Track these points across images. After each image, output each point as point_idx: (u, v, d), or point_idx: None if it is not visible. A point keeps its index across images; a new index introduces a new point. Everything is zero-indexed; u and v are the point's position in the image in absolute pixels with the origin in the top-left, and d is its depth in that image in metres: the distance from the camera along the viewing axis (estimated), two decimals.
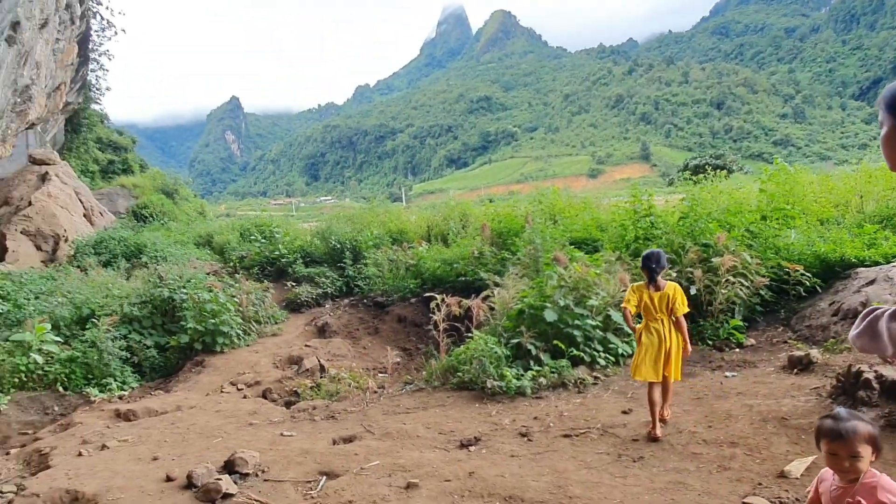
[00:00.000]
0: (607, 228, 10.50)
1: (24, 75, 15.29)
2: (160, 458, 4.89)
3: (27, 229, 19.52)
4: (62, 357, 8.98)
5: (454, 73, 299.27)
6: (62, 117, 35.23)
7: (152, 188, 34.99)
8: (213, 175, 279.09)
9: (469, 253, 10.72)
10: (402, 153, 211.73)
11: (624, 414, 5.34)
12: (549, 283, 6.76)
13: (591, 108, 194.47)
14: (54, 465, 4.95)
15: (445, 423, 5.41)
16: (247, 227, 20.34)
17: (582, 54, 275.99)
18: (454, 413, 5.66)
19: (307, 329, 11.33)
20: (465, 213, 15.79)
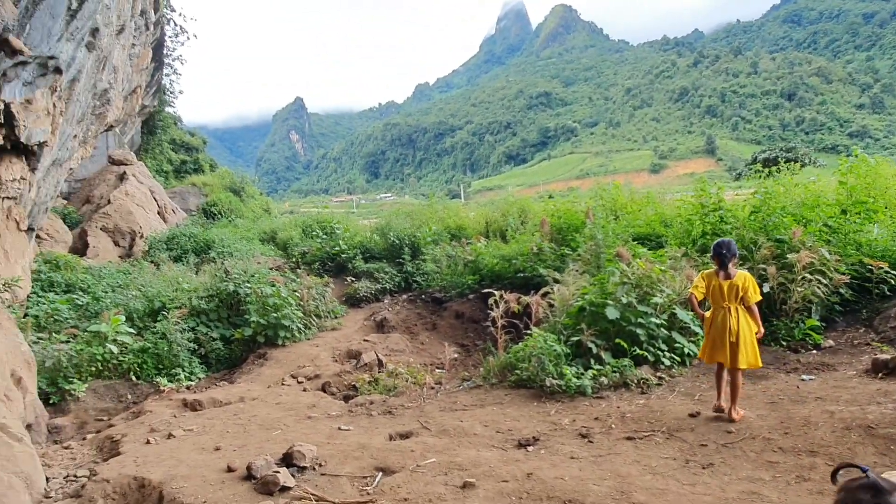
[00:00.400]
0: (672, 224, 10.10)
1: (103, 79, 16.03)
2: (222, 449, 4.99)
3: (106, 226, 20.48)
4: (135, 347, 9.36)
5: (514, 69, 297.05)
6: (139, 120, 36.95)
7: (221, 186, 36.23)
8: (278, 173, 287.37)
9: (528, 249, 10.54)
10: (460, 150, 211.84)
11: (691, 417, 5.08)
12: (610, 279, 6.52)
13: (653, 102, 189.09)
14: (124, 452, 5.14)
15: (503, 421, 5.30)
16: (309, 224, 20.75)
17: (645, 47, 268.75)
18: (512, 411, 5.55)
19: (366, 324, 11.44)
20: (523, 209, 15.57)
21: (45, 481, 4.93)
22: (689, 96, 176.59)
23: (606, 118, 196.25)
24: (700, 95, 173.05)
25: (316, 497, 3.85)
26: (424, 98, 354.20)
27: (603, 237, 7.95)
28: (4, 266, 13.73)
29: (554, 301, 7.19)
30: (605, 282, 6.62)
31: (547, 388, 5.88)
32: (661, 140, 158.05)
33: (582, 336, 6.21)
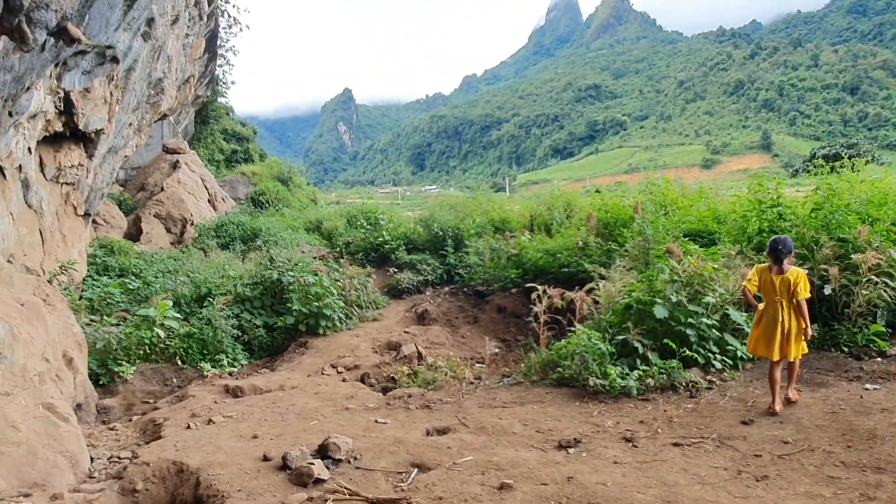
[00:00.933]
0: (725, 220, 9.67)
1: (158, 69, 16.41)
2: (259, 437, 4.99)
3: (159, 213, 21.04)
4: (181, 332, 9.54)
5: (563, 60, 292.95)
6: (192, 110, 37.88)
7: (269, 176, 36.85)
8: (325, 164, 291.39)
9: (573, 243, 10.28)
10: (506, 143, 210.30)
11: (744, 425, 4.80)
12: (659, 276, 6.24)
13: (707, 95, 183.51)
14: (165, 436, 5.20)
15: (543, 420, 5.13)
16: (353, 214, 20.85)
17: (699, 38, 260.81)
18: (553, 410, 5.37)
19: (407, 315, 11.40)
20: (569, 203, 15.24)
21: (89, 461, 5.04)
22: (745, 89, 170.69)
23: (657, 111, 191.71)
24: (756, 89, 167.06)
25: (349, 491, 3.78)
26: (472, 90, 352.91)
27: (652, 232, 7.64)
28: (62, 250, 14.24)
29: (599, 298, 6.94)
30: (654, 279, 6.34)
31: (590, 387, 5.68)
32: (714, 134, 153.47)
33: (628, 335, 5.96)
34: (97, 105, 14.03)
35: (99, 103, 14.12)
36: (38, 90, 11.72)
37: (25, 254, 12.76)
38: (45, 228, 13.71)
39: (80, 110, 13.40)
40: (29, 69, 10.55)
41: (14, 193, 12.50)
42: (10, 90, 10.52)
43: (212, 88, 40.12)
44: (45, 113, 12.55)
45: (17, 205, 12.60)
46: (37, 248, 13.30)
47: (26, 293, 7.39)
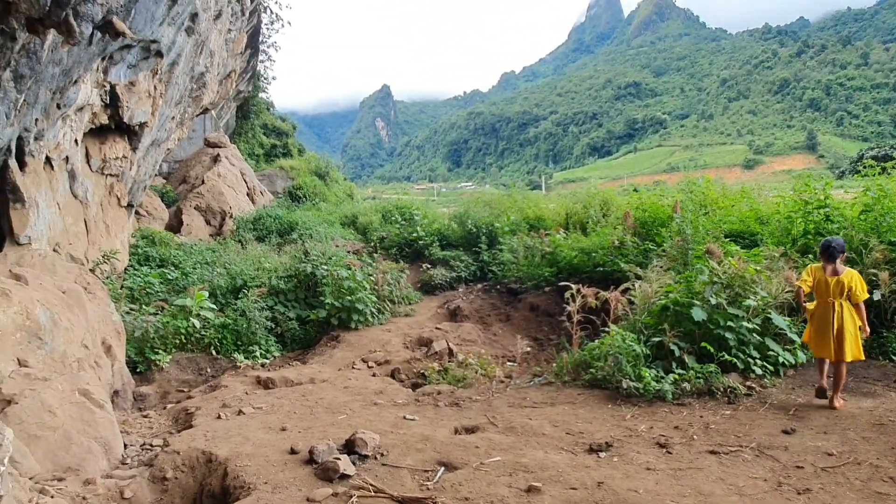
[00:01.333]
0: (769, 221, 9.34)
1: (200, 63, 16.71)
2: (287, 430, 5.00)
3: (199, 205, 21.46)
4: (216, 323, 9.68)
5: (602, 58, 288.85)
6: (234, 105, 38.60)
7: (307, 170, 37.28)
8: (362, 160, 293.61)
9: (609, 242, 10.07)
10: (543, 141, 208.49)
11: (785, 434, 4.59)
12: (698, 278, 6.03)
13: (750, 94, 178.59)
14: (196, 426, 5.26)
15: (574, 422, 5.01)
16: (388, 210, 20.91)
17: (744, 35, 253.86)
18: (584, 412, 5.23)
19: (439, 311, 11.35)
20: (606, 201, 14.97)
21: (122, 448, 5.13)
22: (791, 88, 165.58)
23: (698, 110, 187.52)
24: (802, 87, 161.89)
25: (374, 488, 3.74)
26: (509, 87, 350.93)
27: (692, 232, 7.39)
28: (106, 239, 14.62)
29: (634, 298, 6.75)
30: (693, 280, 6.13)
31: (623, 390, 5.52)
32: (757, 134, 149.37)
33: (664, 337, 5.77)
34: (141, 98, 14.35)
35: (143, 97, 14.43)
36: (86, 83, 12.03)
37: (70, 243, 13.13)
38: (90, 218, 14.09)
39: (125, 103, 13.72)
40: (76, 62, 10.82)
41: (61, 184, 12.86)
42: (58, 83, 10.81)
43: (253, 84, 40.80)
44: (92, 106, 12.88)
45: (64, 195, 12.97)
46: (81, 238, 13.68)
47: (68, 281, 7.59)
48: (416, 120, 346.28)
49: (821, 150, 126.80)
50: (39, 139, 11.27)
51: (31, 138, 11.00)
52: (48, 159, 11.99)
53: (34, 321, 6.04)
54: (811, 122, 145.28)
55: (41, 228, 12.27)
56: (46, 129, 11.39)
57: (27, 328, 6.00)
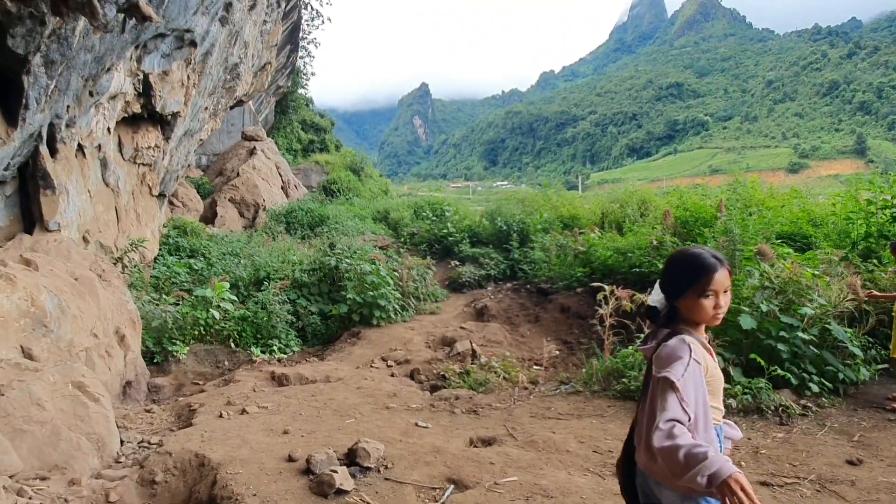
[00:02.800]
0: (823, 223, 8.63)
1: (234, 54, 16.59)
2: (290, 433, 4.62)
3: (233, 197, 21.54)
4: (236, 315, 9.44)
5: (644, 58, 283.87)
6: (273, 99, 38.90)
7: (342, 165, 37.38)
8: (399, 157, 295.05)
9: (646, 242, 9.46)
10: (581, 141, 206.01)
11: (850, 465, 3.96)
12: (747, 281, 5.41)
13: (797, 96, 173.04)
14: (195, 424, 4.93)
15: (602, 438, 4.49)
16: (420, 205, 20.64)
17: (792, 36, 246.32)
18: (614, 427, 4.70)
19: (465, 310, 10.91)
20: (644, 201, 14.32)
21: (118, 444, 4.84)
22: (840, 91, 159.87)
23: (742, 112, 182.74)
24: (853, 90, 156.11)
25: None
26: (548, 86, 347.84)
27: (740, 232, 6.74)
28: (136, 228, 14.59)
29: None
30: (741, 284, 5.52)
31: None
32: (802, 137, 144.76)
33: None
34: (174, 88, 14.27)
35: (176, 86, 14.35)
36: (119, 71, 11.94)
37: (100, 230, 13.10)
38: (121, 207, 14.07)
39: (157, 93, 13.65)
40: (109, 50, 10.68)
41: (92, 171, 12.84)
42: (90, 70, 10.71)
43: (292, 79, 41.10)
44: (125, 94, 12.82)
45: (95, 183, 12.95)
46: (111, 226, 13.65)
47: (82, 268, 7.41)
48: (454, 118, 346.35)
49: (870, 155, 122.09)
50: (71, 126, 11.22)
51: (63, 125, 10.94)
52: (80, 147, 11.96)
53: (39, 308, 5.81)
54: (861, 126, 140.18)
55: (71, 216, 12.24)
56: (78, 117, 11.33)
57: (32, 315, 5.78)
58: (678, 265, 2.13)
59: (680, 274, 2.09)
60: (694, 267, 2.05)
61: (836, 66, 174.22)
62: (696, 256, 2.10)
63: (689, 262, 2.08)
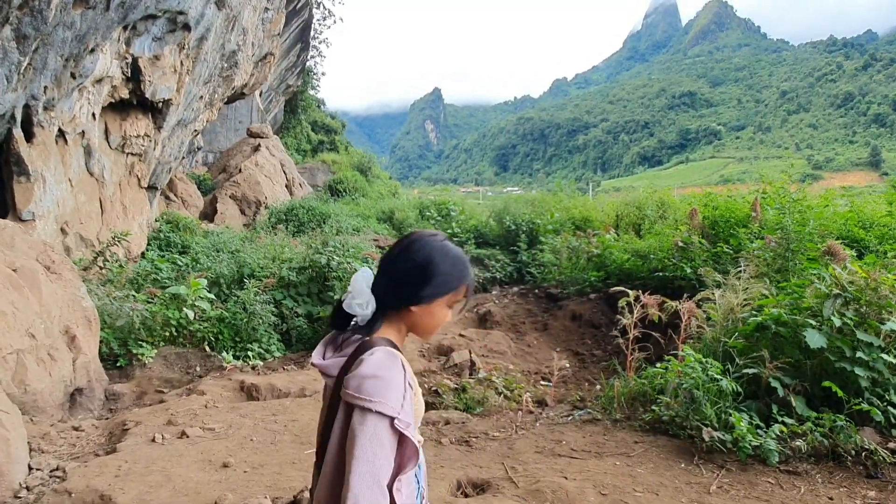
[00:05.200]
0: (874, 226, 7.59)
1: (231, 40, 15.74)
2: (231, 466, 3.65)
3: (234, 194, 20.85)
4: (212, 315, 8.52)
5: (657, 66, 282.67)
6: (282, 99, 38.26)
7: (349, 165, 36.78)
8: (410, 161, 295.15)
9: (669, 244, 8.45)
10: (592, 148, 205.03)
11: None
12: (812, 287, 4.33)
13: (811, 107, 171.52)
14: (119, 450, 3.97)
15: (631, 490, 3.42)
16: (425, 205, 19.81)
17: (807, 48, 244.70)
18: (645, 473, 3.64)
19: (467, 315, 9.92)
20: (663, 202, 13.31)
21: (23, 473, 3.91)
22: (855, 102, 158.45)
23: (755, 122, 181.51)
24: (868, 102, 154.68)
25: None
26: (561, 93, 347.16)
27: (795, 228, 5.62)
28: (122, 221, 13.71)
29: (709, 311, 5.08)
30: (802, 291, 4.45)
31: (703, 442, 3.90)
32: (816, 149, 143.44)
33: (760, 368, 4.12)
34: (166, 74, 13.40)
35: (168, 72, 13.48)
36: (105, 53, 11.05)
37: (81, 222, 12.23)
38: (106, 198, 13.20)
39: (147, 78, 12.78)
40: (92, 28, 9.77)
41: (74, 159, 11.97)
42: (71, 49, 9.80)
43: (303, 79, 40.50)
44: (112, 78, 11.95)
45: (78, 171, 12.08)
46: (94, 218, 12.77)
47: (26, 257, 6.50)
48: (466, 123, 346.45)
49: (885, 168, 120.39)
50: (50, 109, 10.35)
51: (40, 107, 10.06)
52: (62, 132, 11.10)
53: None
54: (875, 139, 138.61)
55: (48, 205, 11.34)
56: (59, 100, 10.46)
57: None
58: (443, 262, 1.57)
59: (442, 273, 1.55)
60: (459, 268, 1.59)
61: (852, 78, 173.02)
62: (461, 255, 1.63)
63: (455, 261, 1.59)
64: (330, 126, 43.90)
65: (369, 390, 1.37)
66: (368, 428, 1.35)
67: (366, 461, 1.32)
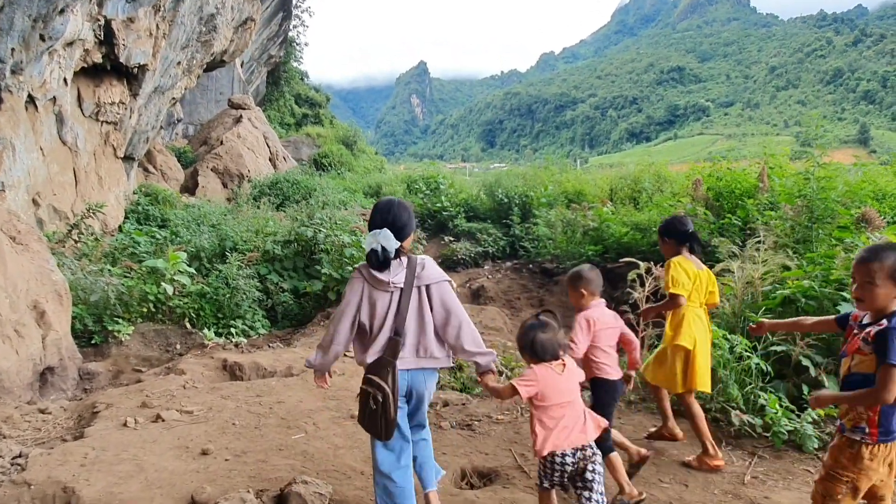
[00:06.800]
0: (884, 196, 7.31)
1: (210, 3, 15.03)
2: (210, 454, 3.29)
3: (216, 167, 20.33)
4: (192, 290, 8.10)
5: (646, 41, 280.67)
6: (264, 70, 37.26)
7: (334, 138, 36.14)
8: (396, 136, 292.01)
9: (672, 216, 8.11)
10: (580, 124, 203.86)
11: None
12: (842, 257, 4.00)
13: (800, 83, 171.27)
14: (87, 436, 3.59)
15: (656, 479, 3.05)
16: (413, 179, 19.37)
17: (797, 22, 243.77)
18: (666, 457, 3.33)
19: (460, 291, 9.59)
20: (660, 175, 12.99)
21: None
22: (844, 79, 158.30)
23: (744, 98, 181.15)
24: (857, 78, 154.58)
25: None
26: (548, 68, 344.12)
27: (820, 195, 5.24)
28: (97, 193, 13.13)
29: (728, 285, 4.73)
30: (831, 261, 4.12)
31: (731, 427, 3.57)
32: (805, 125, 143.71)
33: (790, 346, 3.81)
34: (141, 37, 12.72)
35: (143, 35, 12.80)
36: (76, 14, 10.37)
37: (54, 193, 11.66)
38: (80, 168, 12.61)
39: (121, 41, 12.10)
40: None
41: (46, 127, 11.36)
42: (39, 9, 9.14)
43: (285, 49, 39.48)
44: (84, 41, 11.27)
45: (49, 140, 11.48)
46: (68, 189, 12.20)
47: None
48: (452, 98, 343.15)
49: (873, 145, 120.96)
50: (18, 73, 9.71)
51: (8, 71, 9.43)
52: (31, 98, 10.49)
53: None
54: (864, 116, 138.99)
55: (18, 174, 10.77)
56: (27, 63, 9.82)
57: None
58: (410, 210, 2.77)
59: (412, 217, 2.74)
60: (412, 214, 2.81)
61: (841, 54, 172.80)
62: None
63: (412, 209, 2.80)
64: (314, 99, 43.12)
65: (441, 273, 2.70)
66: (451, 291, 2.64)
67: (461, 307, 2.67)
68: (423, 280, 2.58)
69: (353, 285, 2.63)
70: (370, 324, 2.58)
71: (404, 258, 2.63)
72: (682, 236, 3.69)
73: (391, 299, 2.57)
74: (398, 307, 2.55)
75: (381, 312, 2.56)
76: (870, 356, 2.12)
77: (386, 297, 2.57)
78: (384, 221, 2.61)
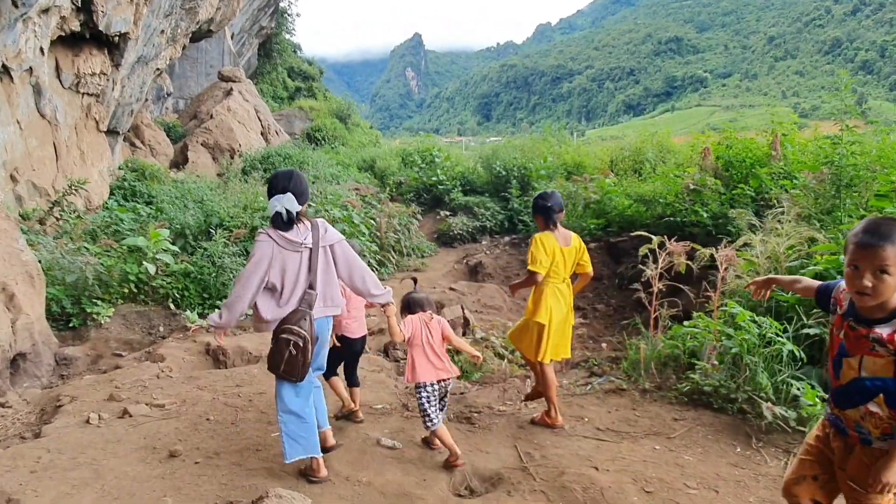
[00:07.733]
0: None
1: None
2: (179, 456, 2.93)
3: (206, 141, 19.82)
4: (176, 269, 7.69)
5: (644, 10, 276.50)
6: (256, 42, 36.32)
7: (327, 112, 35.43)
8: (391, 110, 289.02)
9: (678, 187, 7.72)
10: (577, 96, 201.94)
11: None
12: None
13: (798, 54, 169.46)
14: (44, 435, 3.23)
15: (681, 483, 2.71)
16: (408, 153, 18.88)
17: None
18: (694, 461, 2.91)
19: (456, 268, 9.21)
20: (663, 146, 12.57)
21: None
22: (843, 49, 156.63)
23: (742, 69, 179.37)
24: (855, 48, 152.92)
25: None
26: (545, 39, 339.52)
27: (849, 161, 4.82)
28: (80, 168, 12.64)
29: (747, 260, 4.32)
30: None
31: (763, 420, 3.18)
32: (803, 96, 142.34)
33: (823, 329, 3.41)
34: (121, 4, 12.10)
35: (123, 2, 12.19)
36: None
37: (34, 168, 11.18)
38: (60, 143, 12.10)
39: (100, 8, 11.50)
40: None
41: (22, 99, 10.84)
42: None
43: (276, 21, 38.47)
44: (60, 8, 10.68)
45: (27, 112, 10.97)
46: (48, 164, 11.71)
47: None
48: (447, 71, 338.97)
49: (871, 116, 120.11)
50: None
51: None
52: (6, 69, 9.96)
53: None
54: (862, 86, 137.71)
55: None
56: (0, 32, 9.37)
57: None
58: (306, 180, 3.15)
59: (307, 185, 3.09)
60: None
61: (840, 23, 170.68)
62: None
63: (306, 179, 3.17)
64: (307, 72, 42.26)
65: (340, 234, 3.07)
66: (350, 249, 3.11)
67: (360, 259, 3.08)
68: (327, 240, 2.94)
69: (261, 248, 2.85)
70: (281, 281, 2.83)
71: (307, 221, 2.99)
72: (545, 211, 3.86)
73: (301, 258, 2.87)
74: (309, 264, 2.88)
75: (293, 270, 2.84)
76: (888, 358, 1.72)
77: (296, 256, 2.85)
78: (286, 187, 2.88)
